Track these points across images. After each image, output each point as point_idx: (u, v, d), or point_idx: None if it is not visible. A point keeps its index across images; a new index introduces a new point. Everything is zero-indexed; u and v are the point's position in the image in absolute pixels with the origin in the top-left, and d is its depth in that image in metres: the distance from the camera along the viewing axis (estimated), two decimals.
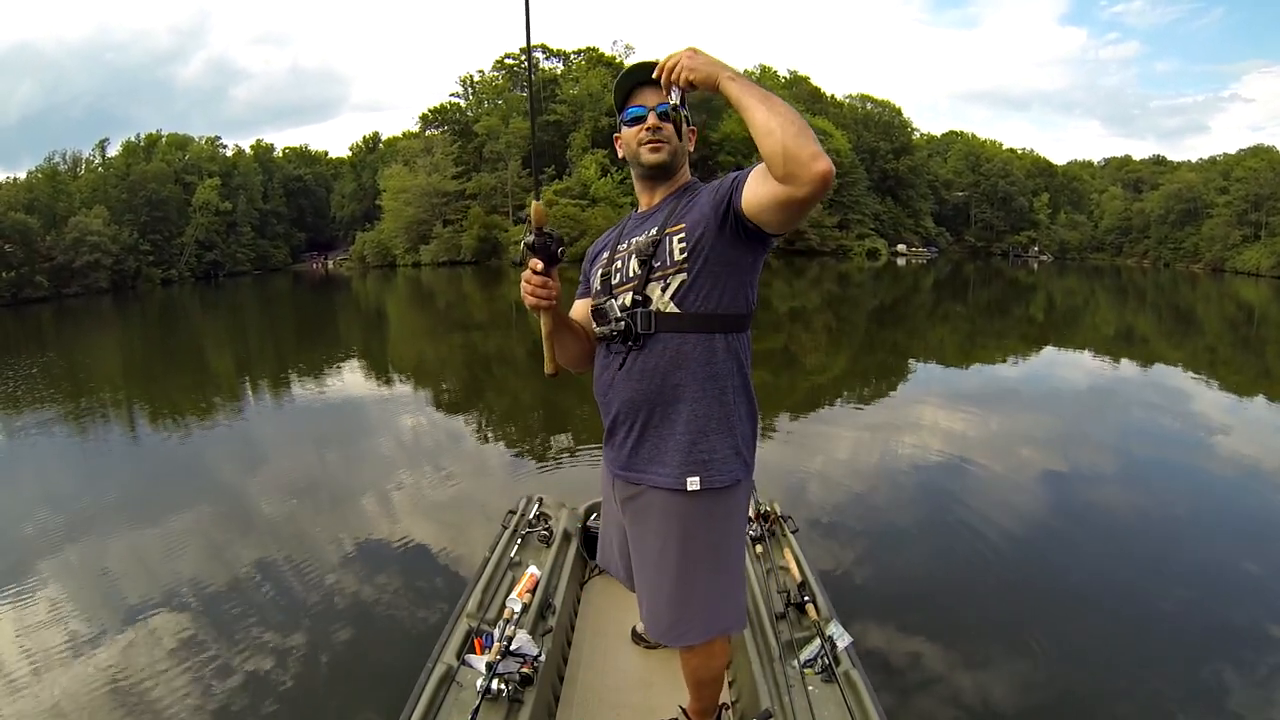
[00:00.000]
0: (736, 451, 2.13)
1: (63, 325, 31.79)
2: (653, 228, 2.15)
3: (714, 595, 2.22)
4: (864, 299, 33.06)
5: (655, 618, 2.28)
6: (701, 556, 2.17)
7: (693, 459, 2.08)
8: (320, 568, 5.57)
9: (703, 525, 2.15)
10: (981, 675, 4.22)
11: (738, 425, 2.14)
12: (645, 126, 2.15)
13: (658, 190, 2.24)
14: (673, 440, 2.10)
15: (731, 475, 2.12)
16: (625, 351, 2.13)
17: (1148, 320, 27.47)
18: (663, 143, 2.16)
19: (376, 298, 39.61)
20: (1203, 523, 6.77)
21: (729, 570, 2.23)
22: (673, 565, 2.18)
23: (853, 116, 77.02)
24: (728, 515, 2.18)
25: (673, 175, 2.21)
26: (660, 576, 2.21)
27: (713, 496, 2.11)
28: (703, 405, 2.08)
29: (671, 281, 2.06)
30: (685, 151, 2.23)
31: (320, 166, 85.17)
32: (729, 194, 1.98)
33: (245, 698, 3.96)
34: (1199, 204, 65.82)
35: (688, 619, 2.23)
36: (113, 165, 63.04)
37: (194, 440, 10.10)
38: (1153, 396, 12.73)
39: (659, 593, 2.23)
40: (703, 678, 2.52)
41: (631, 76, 2.19)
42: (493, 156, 64.45)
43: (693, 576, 2.18)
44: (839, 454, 8.52)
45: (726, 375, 2.10)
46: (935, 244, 78.33)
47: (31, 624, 4.90)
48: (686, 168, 2.26)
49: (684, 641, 2.30)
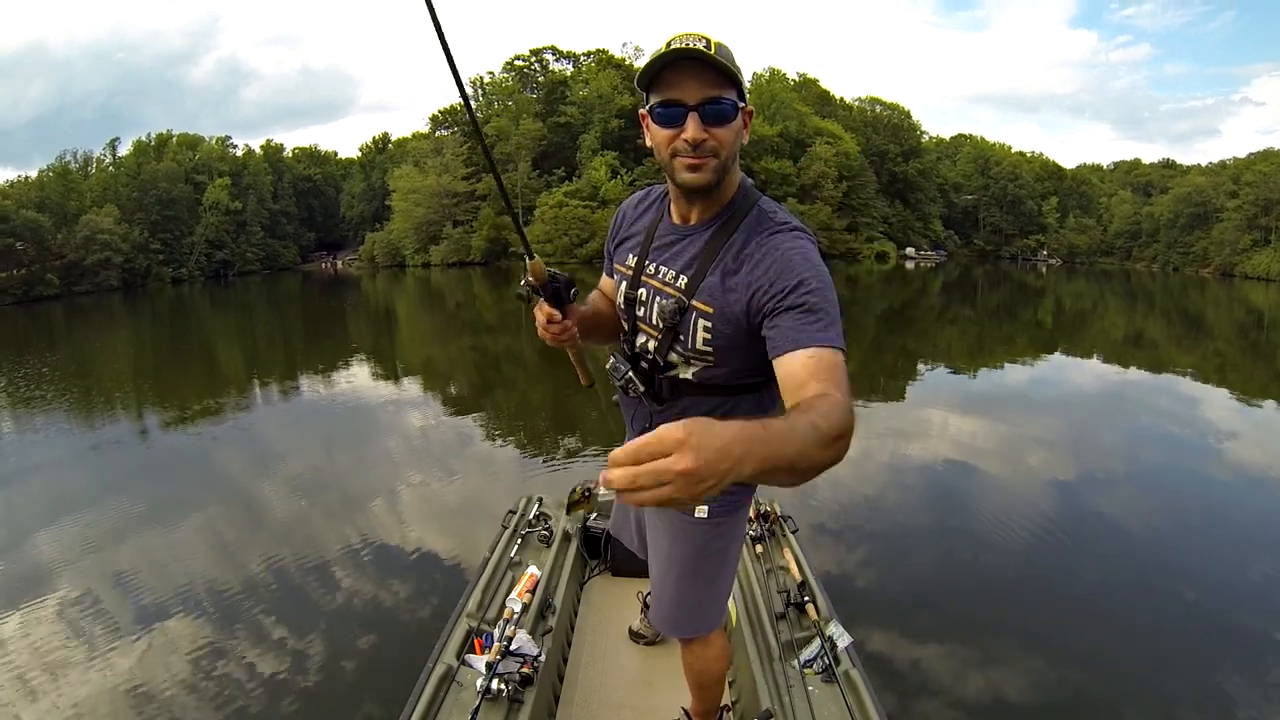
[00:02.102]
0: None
1: (73, 323, 31.91)
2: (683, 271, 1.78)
3: (709, 599, 2.24)
4: (873, 302, 32.98)
5: (659, 609, 2.31)
6: (702, 570, 2.18)
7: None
8: (321, 567, 5.59)
9: (708, 544, 2.13)
10: (983, 676, 4.21)
11: None
12: (683, 136, 1.58)
13: (694, 207, 1.77)
14: None
15: (737, 502, 2.09)
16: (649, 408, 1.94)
17: (1157, 325, 27.37)
18: (707, 158, 1.60)
19: (386, 298, 39.67)
20: (1211, 528, 6.74)
21: (725, 578, 2.23)
22: (677, 572, 2.19)
23: (862, 119, 76.89)
24: (731, 533, 2.16)
25: (720, 184, 1.69)
26: (666, 575, 2.23)
27: (719, 520, 2.08)
28: None
29: (694, 363, 1.81)
30: (737, 155, 1.68)
31: (330, 167, 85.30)
32: (763, 328, 1.61)
33: (246, 697, 3.98)
34: (1209, 208, 65.47)
35: (685, 616, 2.27)
36: (123, 164, 63.37)
37: (201, 439, 10.16)
38: (1161, 401, 12.69)
39: (664, 588, 2.26)
40: (704, 680, 2.52)
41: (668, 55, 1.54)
42: (503, 158, 64.53)
43: (694, 582, 2.20)
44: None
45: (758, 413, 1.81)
46: (943, 247, 78.04)
47: (38, 617, 4.94)
48: (736, 169, 1.73)
49: (680, 634, 2.35)
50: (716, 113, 1.55)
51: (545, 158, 63.68)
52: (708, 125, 1.56)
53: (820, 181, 64.40)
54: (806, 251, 1.62)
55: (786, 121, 66.85)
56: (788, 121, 66.91)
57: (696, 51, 1.50)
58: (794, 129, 66.81)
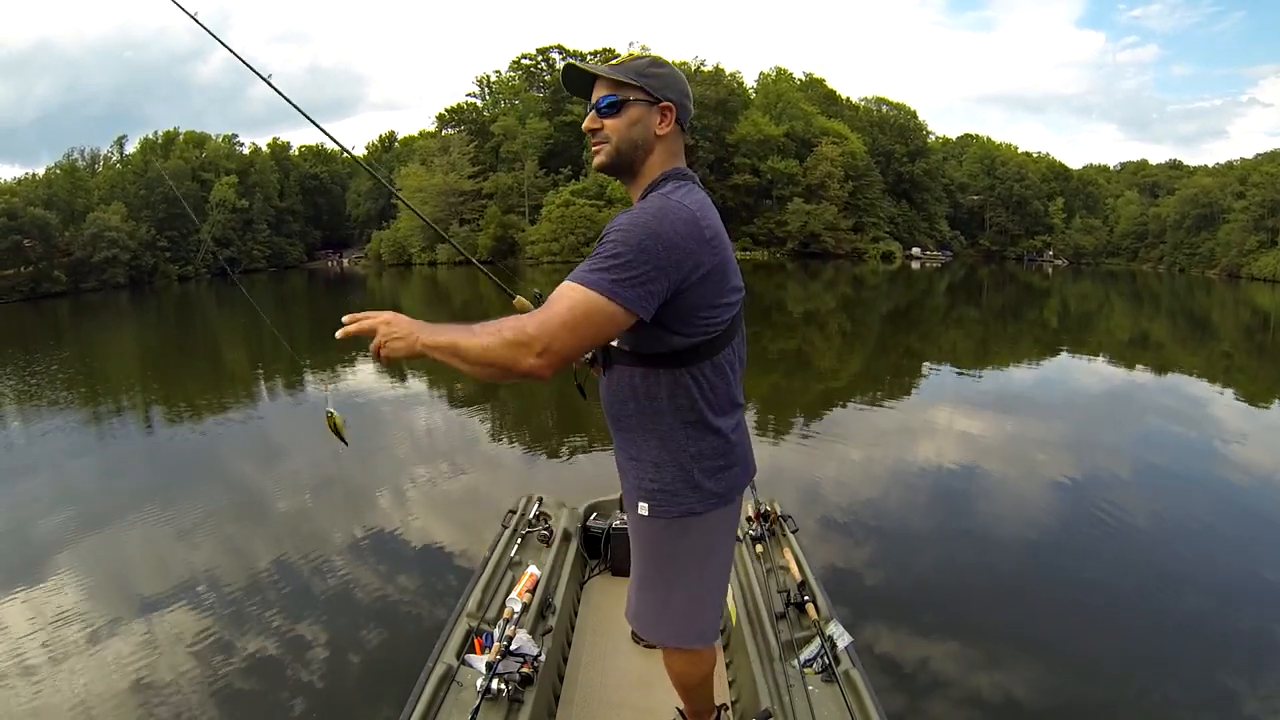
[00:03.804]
0: (692, 485, 2.00)
1: (80, 320, 32.04)
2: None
3: (670, 608, 2.21)
4: (878, 302, 32.96)
5: (628, 605, 2.33)
6: (651, 573, 2.19)
7: (642, 486, 2.05)
8: (321, 567, 5.60)
9: (655, 546, 2.14)
10: (984, 677, 4.21)
11: (694, 460, 1.99)
12: (586, 128, 1.94)
13: (631, 189, 1.99)
14: (629, 464, 2.09)
15: (683, 508, 2.03)
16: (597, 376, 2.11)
17: (1162, 326, 27.30)
18: (602, 143, 1.91)
19: (392, 296, 39.69)
20: (1217, 530, 6.72)
21: (687, 589, 2.18)
22: (637, 568, 2.24)
23: (868, 119, 76.89)
24: (679, 541, 2.11)
25: (634, 171, 1.95)
26: (637, 578, 2.26)
27: (665, 523, 2.06)
28: (654, 437, 1.99)
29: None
30: (645, 140, 1.91)
31: (336, 165, 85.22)
32: None
33: (245, 697, 3.99)
34: (1215, 209, 65.18)
35: (646, 619, 2.29)
36: (131, 162, 63.58)
37: (205, 436, 10.20)
38: (1167, 403, 12.65)
39: (637, 593, 2.27)
40: (686, 683, 2.48)
41: (570, 80, 1.96)
42: (509, 156, 64.63)
43: (649, 585, 2.21)
44: (845, 455, 8.51)
45: (675, 411, 1.94)
46: (949, 248, 77.92)
47: (43, 610, 4.96)
48: (659, 155, 1.94)
49: (641, 633, 2.43)
50: (605, 108, 1.88)
51: (552, 156, 63.82)
52: (601, 117, 1.89)
53: (826, 181, 64.44)
54: (629, 215, 1.76)
55: (793, 121, 66.93)
56: (794, 121, 66.99)
57: (576, 67, 1.91)
58: (800, 129, 66.86)
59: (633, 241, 1.67)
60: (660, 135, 1.90)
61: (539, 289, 2.38)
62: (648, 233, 1.69)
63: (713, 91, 64.55)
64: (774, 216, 65.54)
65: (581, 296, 1.64)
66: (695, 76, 65.68)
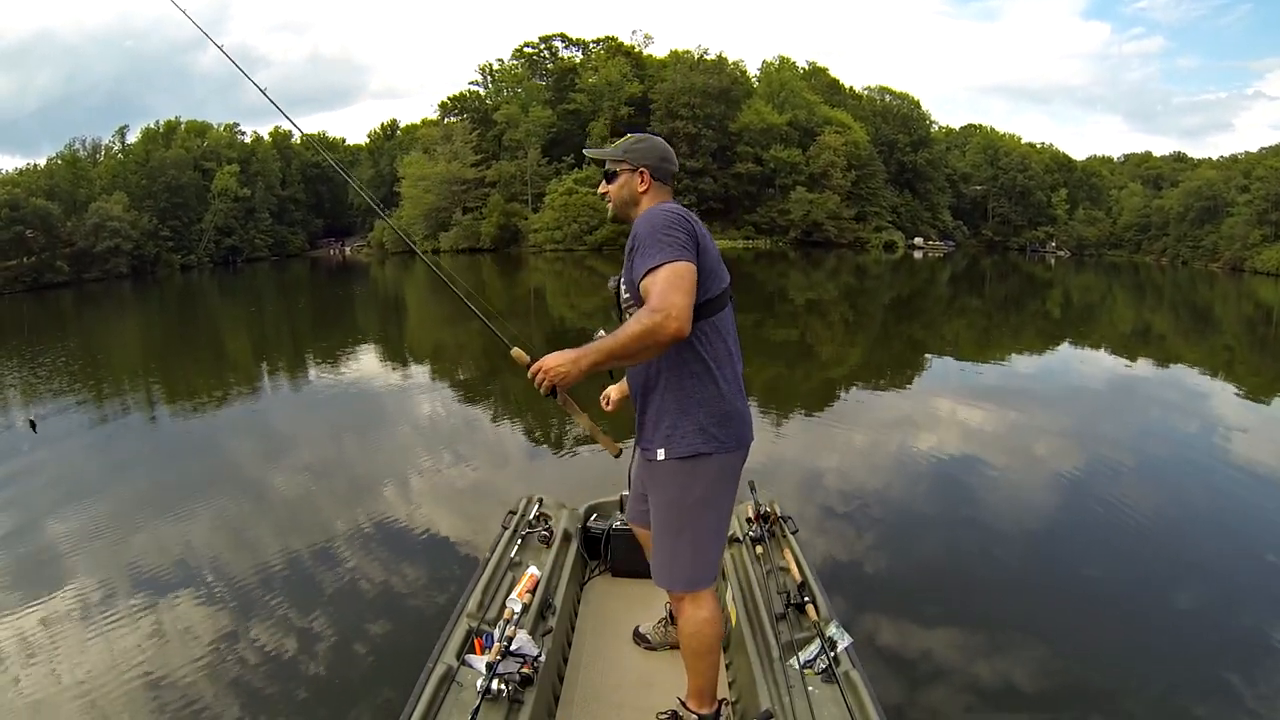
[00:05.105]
0: (701, 429, 2.46)
1: (84, 310, 32.08)
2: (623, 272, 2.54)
3: (685, 550, 2.58)
4: (880, 291, 32.94)
5: (652, 562, 2.71)
6: (674, 519, 2.58)
7: (660, 434, 2.51)
8: (321, 565, 5.58)
9: (668, 493, 2.56)
10: (985, 676, 4.22)
11: (699, 406, 2.46)
12: (598, 193, 2.73)
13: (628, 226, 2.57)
14: (652, 419, 2.55)
15: (691, 448, 2.46)
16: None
17: (1165, 318, 27.25)
18: (609, 201, 2.64)
19: (395, 284, 39.68)
20: (1219, 523, 6.73)
21: (701, 534, 2.57)
22: (659, 520, 2.63)
23: (871, 109, 76.54)
24: (696, 485, 2.51)
25: (631, 218, 2.55)
26: (654, 527, 2.67)
27: (677, 464, 2.49)
28: (671, 390, 2.47)
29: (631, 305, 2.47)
30: (632, 196, 2.58)
31: (338, 153, 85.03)
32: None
33: (245, 697, 3.99)
34: (1219, 202, 64.76)
35: (661, 567, 2.65)
36: (132, 152, 63.33)
37: (209, 425, 10.23)
38: (1169, 395, 12.65)
39: (655, 542, 2.66)
40: (697, 647, 2.66)
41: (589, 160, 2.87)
42: (512, 144, 64.50)
43: (663, 532, 2.62)
44: (846, 451, 8.51)
45: (683, 363, 2.44)
46: (952, 238, 77.63)
47: (47, 598, 4.98)
48: (646, 202, 2.56)
49: (662, 584, 2.67)
50: (605, 177, 2.63)
51: (555, 145, 63.56)
52: (606, 183, 2.63)
53: (829, 170, 64.21)
54: (643, 217, 2.40)
55: (796, 110, 66.69)
56: (797, 110, 66.74)
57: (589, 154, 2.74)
58: (803, 118, 66.61)
59: (663, 224, 2.29)
60: (643, 191, 2.57)
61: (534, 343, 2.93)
62: (665, 218, 2.32)
63: (715, 80, 64.36)
64: (777, 205, 65.31)
65: (670, 268, 2.20)
66: (698, 65, 65.50)
